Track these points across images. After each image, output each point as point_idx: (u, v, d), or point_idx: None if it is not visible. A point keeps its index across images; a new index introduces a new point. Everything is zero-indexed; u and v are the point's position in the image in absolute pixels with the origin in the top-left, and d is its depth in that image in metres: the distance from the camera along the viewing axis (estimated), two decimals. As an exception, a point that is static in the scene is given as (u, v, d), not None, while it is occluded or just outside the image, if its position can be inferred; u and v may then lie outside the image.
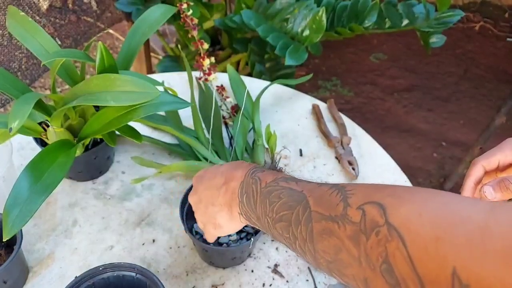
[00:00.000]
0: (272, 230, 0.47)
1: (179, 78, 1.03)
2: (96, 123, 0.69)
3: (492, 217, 0.29)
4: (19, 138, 0.86)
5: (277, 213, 0.45)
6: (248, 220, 0.53)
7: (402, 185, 0.52)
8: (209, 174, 0.59)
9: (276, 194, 0.46)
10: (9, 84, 0.69)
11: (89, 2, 1.23)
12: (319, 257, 0.39)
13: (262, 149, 0.84)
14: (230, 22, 1.26)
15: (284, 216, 0.44)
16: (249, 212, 0.51)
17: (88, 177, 0.82)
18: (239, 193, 0.52)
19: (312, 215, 0.40)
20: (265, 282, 0.70)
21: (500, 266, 0.26)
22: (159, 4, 0.81)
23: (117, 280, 0.61)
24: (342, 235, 0.36)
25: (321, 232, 0.39)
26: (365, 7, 1.14)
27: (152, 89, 0.63)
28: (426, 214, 0.31)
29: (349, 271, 0.36)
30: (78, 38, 1.24)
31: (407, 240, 0.31)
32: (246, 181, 0.52)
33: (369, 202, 0.35)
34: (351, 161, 0.85)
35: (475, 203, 0.31)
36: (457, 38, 2.33)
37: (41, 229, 0.75)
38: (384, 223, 0.33)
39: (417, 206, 0.32)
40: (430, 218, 0.31)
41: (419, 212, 0.32)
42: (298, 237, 0.42)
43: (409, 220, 0.32)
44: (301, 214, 0.42)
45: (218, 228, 0.57)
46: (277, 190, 0.47)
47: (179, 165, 0.80)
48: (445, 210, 0.31)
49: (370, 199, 0.36)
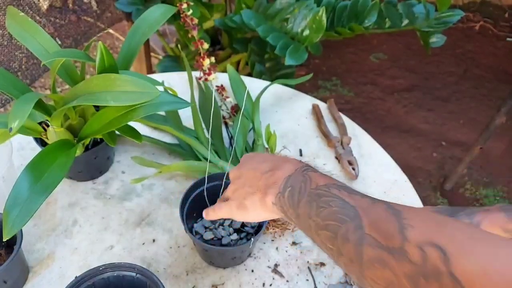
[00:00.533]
0: (313, 234, 0.46)
1: (179, 78, 1.03)
2: (96, 123, 0.69)
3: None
4: (19, 138, 0.86)
5: (324, 220, 0.44)
6: (283, 213, 0.51)
7: (461, 220, 0.50)
8: (260, 157, 0.58)
9: (326, 200, 0.46)
10: (9, 84, 0.69)
11: (89, 2, 1.23)
12: (366, 283, 0.39)
13: (262, 149, 0.84)
14: (230, 22, 1.26)
15: (331, 226, 0.43)
16: (288, 206, 0.50)
17: (88, 177, 0.82)
18: (282, 184, 0.51)
19: (366, 238, 0.39)
20: (265, 282, 0.70)
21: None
22: (159, 4, 0.81)
23: (117, 280, 0.61)
24: (398, 271, 0.36)
25: (374, 260, 0.38)
26: (365, 7, 1.14)
27: (152, 89, 0.63)
28: (492, 274, 0.31)
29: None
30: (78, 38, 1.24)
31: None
32: (295, 176, 0.51)
33: (430, 244, 0.35)
34: (351, 161, 0.85)
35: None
36: (457, 38, 2.33)
37: (41, 229, 0.75)
38: (447, 272, 0.33)
39: (482, 262, 0.32)
40: (496, 280, 0.31)
41: (484, 270, 0.32)
42: (343, 253, 0.41)
43: (474, 277, 0.32)
44: (352, 233, 0.41)
45: (241, 209, 0.56)
46: (327, 196, 0.46)
47: (179, 165, 0.80)
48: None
49: (430, 239, 0.35)
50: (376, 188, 0.83)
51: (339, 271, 0.71)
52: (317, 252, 0.74)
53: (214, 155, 0.82)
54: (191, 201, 0.71)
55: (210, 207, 0.61)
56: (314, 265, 0.72)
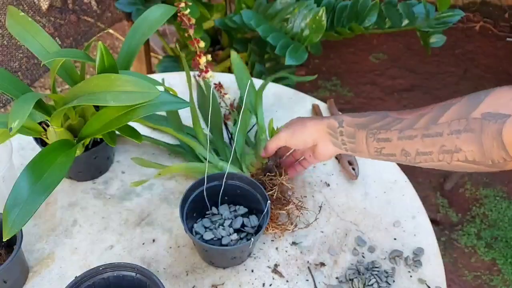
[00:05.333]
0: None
1: (179, 78, 1.03)
2: (96, 123, 0.69)
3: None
4: (19, 138, 0.86)
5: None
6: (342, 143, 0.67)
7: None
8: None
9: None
10: (9, 84, 0.69)
11: (89, 2, 1.23)
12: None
13: (265, 143, 0.84)
14: (230, 22, 1.26)
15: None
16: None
17: (88, 177, 0.82)
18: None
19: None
20: (265, 282, 0.70)
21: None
22: (159, 4, 0.81)
23: (117, 280, 0.61)
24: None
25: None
26: (365, 7, 1.14)
27: (152, 89, 0.63)
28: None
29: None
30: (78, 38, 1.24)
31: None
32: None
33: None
34: (351, 161, 0.85)
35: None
36: (457, 38, 2.33)
37: (41, 229, 0.75)
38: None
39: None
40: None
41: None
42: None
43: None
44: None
45: (300, 124, 0.70)
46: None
47: (178, 167, 0.80)
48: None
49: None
50: (376, 188, 0.83)
51: (339, 271, 0.71)
52: (317, 252, 0.74)
53: (214, 155, 0.82)
54: (191, 201, 0.71)
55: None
56: (314, 265, 0.72)
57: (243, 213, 0.73)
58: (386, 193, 0.82)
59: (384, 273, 0.70)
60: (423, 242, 0.75)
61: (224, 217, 0.73)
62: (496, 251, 1.51)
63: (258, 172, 0.78)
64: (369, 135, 0.62)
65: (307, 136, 0.69)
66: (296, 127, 0.70)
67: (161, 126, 0.84)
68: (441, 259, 0.74)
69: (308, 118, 0.71)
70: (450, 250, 1.52)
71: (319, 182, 0.84)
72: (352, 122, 0.65)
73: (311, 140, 0.69)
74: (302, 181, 0.84)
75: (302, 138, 0.70)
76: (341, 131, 0.66)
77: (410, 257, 0.73)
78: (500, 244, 1.52)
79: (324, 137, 0.68)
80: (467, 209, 1.63)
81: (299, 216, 0.76)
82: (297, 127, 0.70)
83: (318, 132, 0.68)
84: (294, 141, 0.71)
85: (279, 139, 0.72)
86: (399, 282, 0.70)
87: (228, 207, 0.74)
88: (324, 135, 0.68)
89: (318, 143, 0.69)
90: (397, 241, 0.76)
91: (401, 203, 0.81)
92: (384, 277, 0.70)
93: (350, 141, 0.65)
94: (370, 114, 0.64)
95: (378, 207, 0.80)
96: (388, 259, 0.73)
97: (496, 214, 1.60)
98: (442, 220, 1.60)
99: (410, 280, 0.71)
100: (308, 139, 0.69)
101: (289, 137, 0.71)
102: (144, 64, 1.57)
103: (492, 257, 1.50)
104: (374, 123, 0.62)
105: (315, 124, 0.69)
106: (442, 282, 0.71)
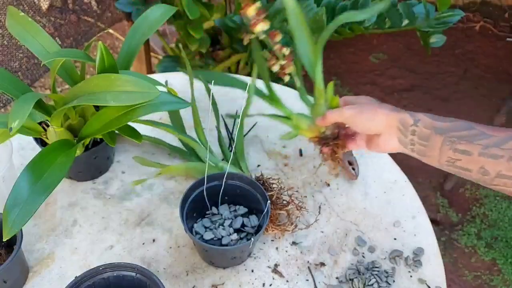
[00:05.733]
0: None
1: (179, 78, 1.03)
2: (96, 123, 0.69)
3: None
4: (19, 138, 0.86)
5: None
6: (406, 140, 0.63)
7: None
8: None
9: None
10: (9, 84, 0.69)
11: (89, 2, 1.23)
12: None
13: (322, 111, 0.72)
14: (230, 22, 1.26)
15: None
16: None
17: (88, 177, 0.82)
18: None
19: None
20: (265, 282, 0.70)
21: None
22: (159, 4, 0.81)
23: (117, 280, 0.61)
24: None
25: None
26: (365, 7, 1.14)
27: (152, 89, 0.63)
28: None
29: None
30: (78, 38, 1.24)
31: None
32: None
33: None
34: (351, 161, 0.85)
35: None
36: (457, 38, 2.33)
37: (41, 229, 0.75)
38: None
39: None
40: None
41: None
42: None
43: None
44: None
45: (370, 109, 0.65)
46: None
47: (178, 167, 0.80)
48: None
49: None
50: (376, 188, 0.83)
51: (339, 271, 0.71)
52: (317, 252, 0.74)
53: (215, 155, 0.82)
54: (191, 201, 0.71)
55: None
56: (314, 265, 0.72)
57: (243, 213, 0.73)
58: (386, 193, 0.83)
59: (384, 273, 0.70)
60: (423, 242, 0.75)
61: (224, 217, 0.73)
62: (496, 251, 1.51)
63: (313, 140, 0.74)
64: (446, 142, 0.58)
65: (373, 124, 0.65)
66: (365, 110, 0.66)
67: (162, 126, 0.84)
68: (441, 259, 0.74)
69: (379, 105, 0.66)
70: (450, 250, 1.52)
71: (319, 182, 0.84)
72: (430, 124, 0.60)
73: (376, 129, 0.65)
74: (302, 181, 0.84)
75: (368, 124, 0.65)
76: (413, 130, 0.61)
77: (410, 257, 0.73)
78: (500, 244, 1.53)
79: (391, 131, 0.64)
80: (467, 209, 1.63)
81: (299, 216, 0.76)
82: (366, 110, 0.66)
83: (387, 123, 0.64)
84: (357, 123, 0.66)
85: (342, 115, 0.67)
86: (399, 282, 0.70)
87: (228, 207, 0.75)
88: (392, 129, 0.64)
89: (382, 135, 0.65)
90: (397, 241, 0.76)
91: (401, 203, 0.81)
92: (384, 277, 0.70)
93: (421, 143, 0.61)
94: (453, 120, 0.59)
95: (378, 207, 0.80)
96: (388, 259, 0.73)
97: (496, 214, 1.61)
98: (442, 220, 1.60)
99: (410, 280, 0.71)
100: (373, 127, 0.65)
101: (354, 117, 0.66)
102: (144, 64, 1.57)
103: (492, 257, 1.50)
104: (456, 131, 0.58)
105: (387, 115, 0.64)
106: (442, 282, 0.71)
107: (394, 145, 0.65)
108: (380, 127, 0.65)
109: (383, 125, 0.64)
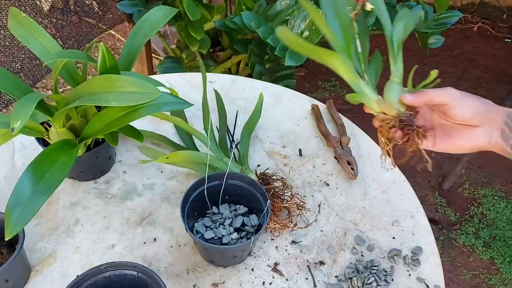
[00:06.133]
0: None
1: (180, 78, 1.03)
2: (98, 123, 0.69)
3: None
4: (21, 138, 0.87)
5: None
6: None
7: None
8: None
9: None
10: (11, 85, 0.69)
11: (91, 3, 1.24)
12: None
13: (398, 90, 0.62)
14: (230, 24, 1.26)
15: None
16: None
17: (90, 176, 0.83)
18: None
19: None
20: (265, 281, 0.70)
21: None
22: (160, 5, 0.81)
23: (118, 279, 0.61)
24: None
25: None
26: (364, 9, 1.14)
27: (153, 89, 0.64)
28: None
29: None
30: (80, 39, 1.24)
31: None
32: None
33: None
34: (350, 161, 0.86)
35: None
36: (456, 39, 2.34)
37: (43, 228, 0.76)
38: None
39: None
40: None
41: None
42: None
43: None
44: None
45: (477, 98, 0.58)
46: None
47: (186, 154, 0.78)
48: None
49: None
50: (375, 188, 0.84)
51: (338, 270, 0.72)
52: (316, 251, 0.74)
53: (219, 150, 0.82)
54: (192, 201, 0.71)
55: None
56: (313, 264, 0.73)
57: (243, 212, 0.74)
58: (385, 193, 0.83)
59: (383, 272, 0.71)
60: (421, 241, 0.76)
61: (224, 216, 0.74)
62: (494, 250, 1.52)
63: (381, 118, 0.62)
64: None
65: (478, 111, 0.57)
66: (472, 96, 0.58)
67: (171, 118, 0.80)
68: (440, 258, 0.74)
69: (485, 99, 0.59)
70: (449, 249, 1.52)
71: (319, 181, 0.84)
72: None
73: (478, 119, 0.57)
74: (302, 181, 0.84)
75: (470, 108, 0.57)
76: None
77: (408, 256, 0.73)
78: (498, 243, 1.53)
79: (494, 124, 0.57)
80: (466, 209, 1.63)
81: (300, 215, 0.77)
82: (472, 96, 0.58)
83: (492, 115, 0.57)
84: (461, 107, 0.57)
85: (443, 94, 0.59)
86: (398, 280, 0.71)
87: (228, 206, 0.75)
88: (495, 122, 0.57)
89: (480, 127, 0.57)
90: (396, 240, 0.76)
91: (400, 203, 0.82)
92: (383, 275, 0.70)
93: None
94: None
95: (377, 206, 0.81)
96: (387, 258, 0.74)
97: (494, 213, 1.61)
98: (441, 219, 1.61)
99: (409, 279, 0.71)
100: (476, 117, 0.57)
101: (460, 99, 0.58)
102: (145, 65, 1.57)
103: (490, 256, 1.50)
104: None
105: (494, 106, 0.58)
106: (440, 281, 0.71)
107: (485, 141, 0.58)
108: (482, 117, 0.57)
109: (487, 116, 0.57)
